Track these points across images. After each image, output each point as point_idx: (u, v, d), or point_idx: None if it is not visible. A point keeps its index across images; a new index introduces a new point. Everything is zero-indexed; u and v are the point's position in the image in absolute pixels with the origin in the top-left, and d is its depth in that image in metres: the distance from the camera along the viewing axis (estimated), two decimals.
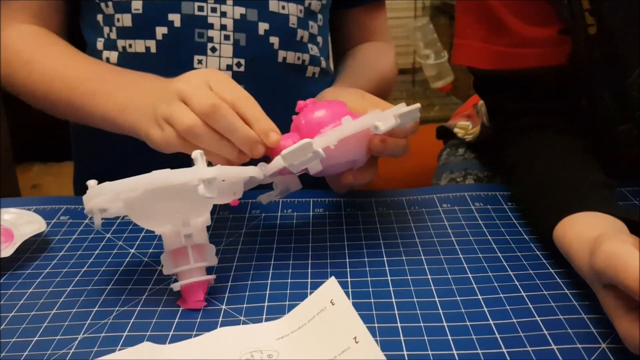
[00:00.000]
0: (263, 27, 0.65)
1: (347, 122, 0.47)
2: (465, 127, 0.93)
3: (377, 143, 0.50)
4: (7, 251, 0.51)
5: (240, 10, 0.64)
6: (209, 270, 0.47)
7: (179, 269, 0.46)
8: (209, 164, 0.45)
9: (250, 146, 0.48)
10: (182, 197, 0.44)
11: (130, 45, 0.64)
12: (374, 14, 0.81)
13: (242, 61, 0.65)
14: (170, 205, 0.45)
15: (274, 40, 0.66)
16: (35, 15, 0.66)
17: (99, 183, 0.45)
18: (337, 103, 0.52)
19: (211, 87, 0.49)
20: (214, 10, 0.64)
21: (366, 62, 0.78)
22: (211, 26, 0.64)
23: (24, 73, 0.63)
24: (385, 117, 0.48)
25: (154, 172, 0.43)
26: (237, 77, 0.65)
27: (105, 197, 0.45)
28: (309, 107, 0.52)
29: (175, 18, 0.63)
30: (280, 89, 0.69)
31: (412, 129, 0.53)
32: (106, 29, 0.65)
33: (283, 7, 0.66)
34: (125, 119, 0.55)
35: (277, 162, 0.47)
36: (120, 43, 0.65)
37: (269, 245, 0.54)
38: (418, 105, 0.50)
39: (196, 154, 0.44)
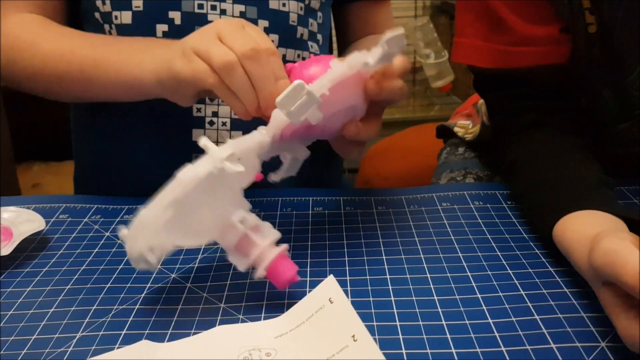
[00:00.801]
0: (262, 24, 0.65)
1: (335, 64, 0.46)
2: (465, 126, 0.93)
3: (373, 85, 0.50)
4: (6, 249, 0.51)
5: (239, 8, 0.64)
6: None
7: (253, 257, 0.44)
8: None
9: (269, 104, 0.47)
10: (214, 189, 0.42)
11: None
12: (378, 7, 0.81)
13: None
14: (210, 203, 0.43)
15: (274, 37, 0.66)
16: (36, 6, 0.66)
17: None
18: (325, 57, 0.52)
19: (247, 32, 0.50)
20: (213, 7, 0.64)
21: None
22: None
23: (28, 54, 0.62)
24: (372, 52, 0.47)
25: (177, 178, 0.41)
26: None
27: (146, 235, 0.42)
28: (296, 67, 0.51)
29: (175, 15, 0.63)
30: None
31: (403, 67, 0.51)
32: (106, 27, 0.65)
33: (283, 5, 0.66)
34: (143, 68, 0.55)
35: (276, 115, 0.45)
36: None
37: None
38: (401, 29, 0.48)
39: (204, 142, 0.42)
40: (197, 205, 0.42)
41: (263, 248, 0.44)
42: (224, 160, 0.41)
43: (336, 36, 0.84)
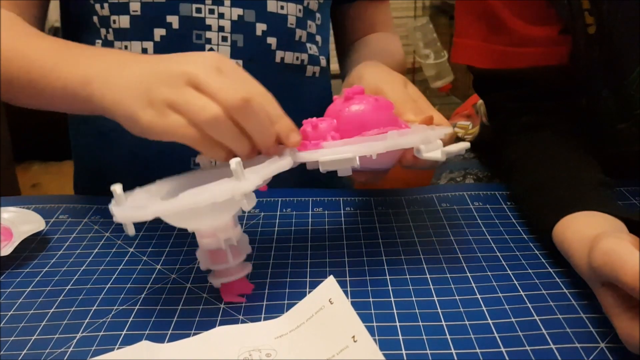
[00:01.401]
0: (261, 27, 0.65)
1: (392, 137, 0.45)
2: (465, 126, 0.93)
3: (410, 158, 0.49)
4: (6, 250, 0.51)
5: (237, 12, 0.64)
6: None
7: (218, 267, 0.45)
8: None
9: (270, 146, 0.45)
10: (221, 208, 0.42)
11: (127, 47, 0.64)
12: (377, 6, 0.81)
13: (240, 62, 0.65)
14: (209, 214, 0.43)
15: (272, 40, 0.66)
16: (14, 5, 0.62)
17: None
18: (386, 105, 0.49)
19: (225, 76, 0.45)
20: (211, 11, 0.64)
21: (382, 48, 0.77)
22: (209, 27, 0.64)
23: None
24: (431, 140, 0.46)
25: (195, 190, 0.40)
26: None
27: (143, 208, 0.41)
28: (356, 98, 0.49)
29: (173, 20, 0.63)
30: (279, 89, 0.69)
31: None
32: (103, 31, 0.65)
33: (282, 7, 0.66)
34: (91, 92, 0.48)
35: (312, 160, 0.45)
36: (117, 44, 0.65)
37: (267, 244, 0.54)
38: (467, 145, 0.48)
39: (235, 166, 0.40)
40: (198, 213, 0.42)
41: (231, 266, 0.45)
42: (244, 196, 0.40)
43: (334, 36, 0.84)
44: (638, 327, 0.35)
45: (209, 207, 0.40)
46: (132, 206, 0.42)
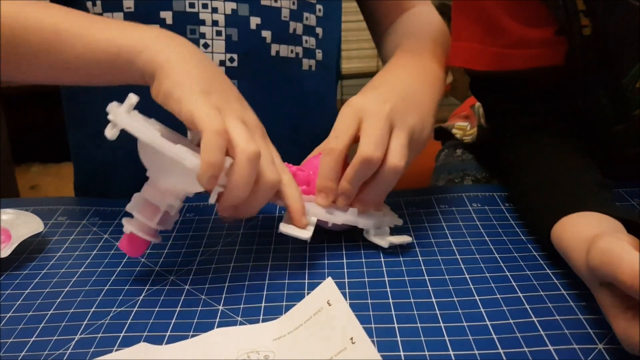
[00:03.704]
0: (255, 21, 0.65)
1: (352, 213, 0.51)
2: (463, 127, 0.93)
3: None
4: (5, 252, 0.51)
5: (231, 6, 0.65)
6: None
7: (140, 219, 0.47)
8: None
9: (253, 213, 0.49)
10: (186, 179, 0.45)
11: None
12: None
13: (235, 56, 0.65)
14: (176, 176, 0.46)
15: (266, 34, 0.66)
16: None
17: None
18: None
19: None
20: (205, 6, 0.64)
21: (411, 33, 0.73)
22: (203, 22, 0.64)
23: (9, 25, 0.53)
24: (382, 226, 0.53)
25: (185, 148, 0.44)
26: (231, 73, 0.65)
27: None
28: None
29: (167, 15, 0.63)
30: (276, 83, 0.69)
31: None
32: None
33: (275, 0, 0.66)
34: (144, 50, 0.49)
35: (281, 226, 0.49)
36: None
37: (266, 246, 0.54)
38: (409, 239, 0.53)
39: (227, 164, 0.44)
40: (169, 168, 0.46)
41: (150, 226, 0.48)
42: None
43: (369, 29, 0.82)
44: (636, 328, 0.35)
45: (180, 170, 0.44)
46: (134, 117, 0.45)
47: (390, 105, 0.51)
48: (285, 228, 0.49)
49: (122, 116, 0.44)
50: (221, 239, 0.56)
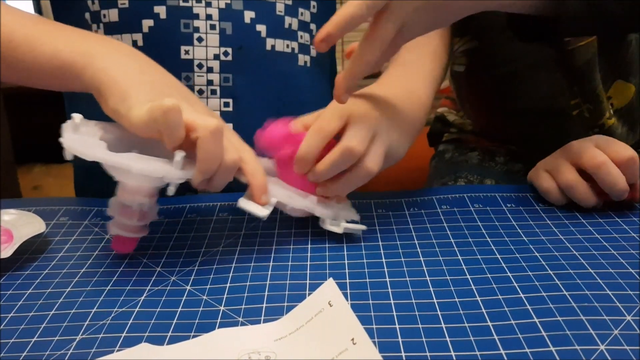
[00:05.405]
0: (249, 15, 0.65)
1: (312, 201, 0.54)
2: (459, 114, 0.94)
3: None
4: (7, 252, 0.51)
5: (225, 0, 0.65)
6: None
7: (120, 220, 0.50)
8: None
9: (225, 180, 0.50)
10: (149, 179, 0.48)
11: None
12: None
13: (229, 50, 0.65)
14: (138, 178, 0.48)
15: (261, 28, 0.66)
16: None
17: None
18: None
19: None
20: (198, 0, 0.64)
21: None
22: (196, 16, 0.64)
23: None
24: (338, 219, 0.54)
25: (136, 155, 0.46)
26: (226, 67, 0.65)
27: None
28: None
29: (160, 10, 0.63)
30: (270, 77, 0.69)
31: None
32: (94, 27, 0.65)
33: None
34: (90, 63, 0.49)
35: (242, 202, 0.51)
36: None
37: (267, 247, 0.54)
38: (364, 227, 0.55)
39: (179, 159, 0.46)
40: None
41: (132, 224, 0.51)
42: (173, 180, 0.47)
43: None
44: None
45: (134, 174, 0.46)
46: (81, 140, 0.47)
47: (377, 117, 0.53)
48: (243, 203, 0.50)
49: (65, 138, 0.46)
50: (222, 239, 0.56)
